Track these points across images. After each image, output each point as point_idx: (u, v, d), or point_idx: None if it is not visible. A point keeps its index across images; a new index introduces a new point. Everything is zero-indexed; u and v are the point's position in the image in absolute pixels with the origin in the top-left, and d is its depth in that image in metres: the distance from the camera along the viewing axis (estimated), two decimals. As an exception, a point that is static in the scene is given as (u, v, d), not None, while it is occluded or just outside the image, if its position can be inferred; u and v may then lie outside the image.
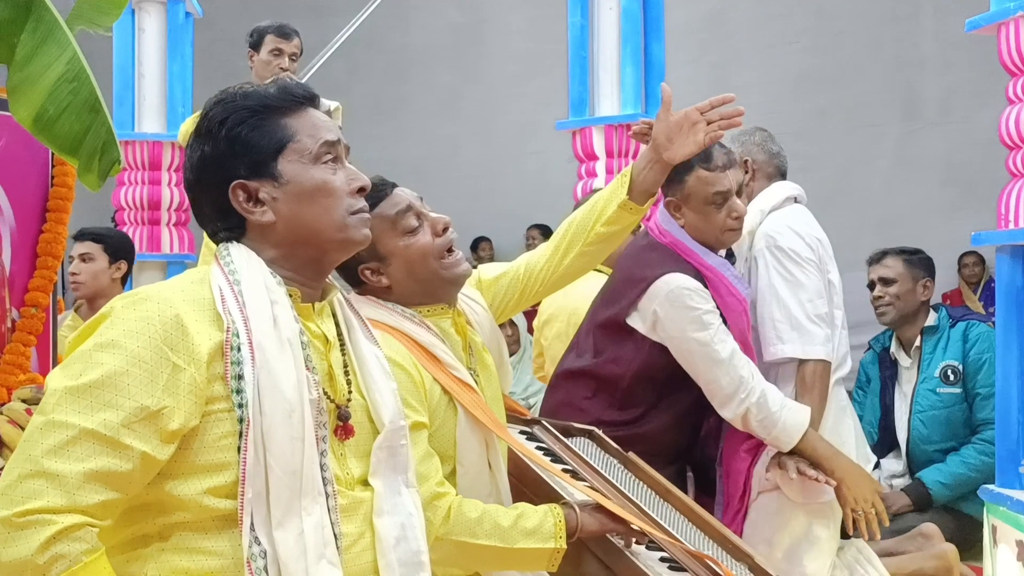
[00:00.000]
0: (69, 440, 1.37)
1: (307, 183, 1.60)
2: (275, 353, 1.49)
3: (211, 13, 6.78)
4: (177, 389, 1.43)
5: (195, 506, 1.45)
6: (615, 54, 5.18)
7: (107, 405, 1.39)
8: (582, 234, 2.48)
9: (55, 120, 2.78)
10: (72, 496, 1.35)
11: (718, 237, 2.93)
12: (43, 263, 3.25)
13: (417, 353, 2.10)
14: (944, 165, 9.36)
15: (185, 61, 6.10)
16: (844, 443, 3.06)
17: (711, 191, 2.87)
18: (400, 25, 11.36)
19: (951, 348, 4.06)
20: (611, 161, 5.14)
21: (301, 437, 1.49)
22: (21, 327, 3.19)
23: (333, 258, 1.67)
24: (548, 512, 2.05)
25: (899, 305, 4.10)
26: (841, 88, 9.71)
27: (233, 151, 1.59)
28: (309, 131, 1.62)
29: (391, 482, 1.66)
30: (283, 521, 1.46)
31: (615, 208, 2.46)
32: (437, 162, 10.21)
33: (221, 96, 1.64)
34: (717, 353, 2.80)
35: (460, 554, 2.00)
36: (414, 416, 2.01)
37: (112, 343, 1.43)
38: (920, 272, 4.14)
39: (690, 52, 9.71)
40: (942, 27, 9.10)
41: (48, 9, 2.78)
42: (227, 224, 1.62)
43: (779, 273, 3.01)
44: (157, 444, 1.42)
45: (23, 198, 3.22)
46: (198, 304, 1.51)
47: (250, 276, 1.54)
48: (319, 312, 1.66)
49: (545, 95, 9.68)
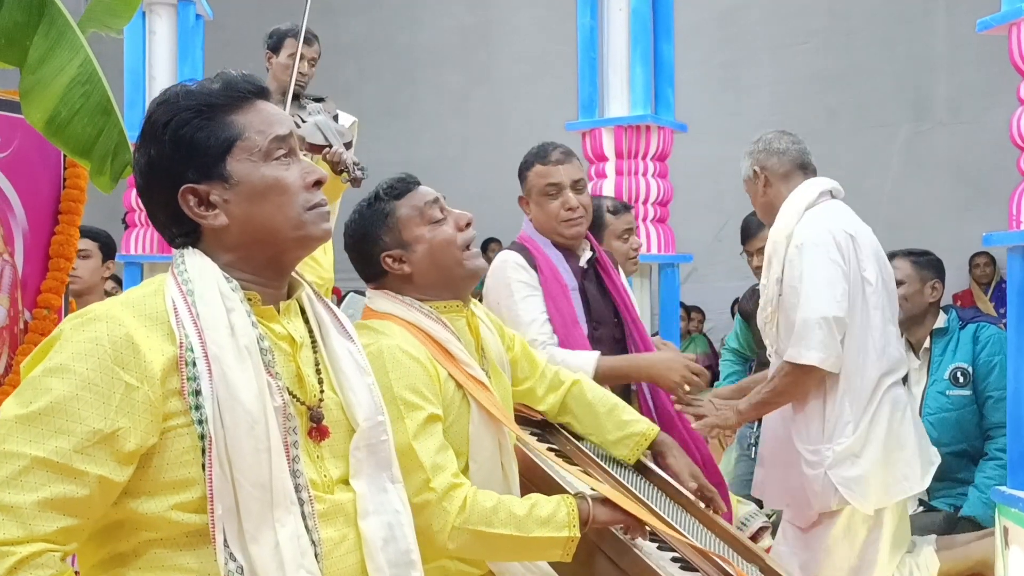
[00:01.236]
0: (21, 470, 1.33)
1: (258, 182, 1.53)
2: (233, 364, 1.44)
3: (222, 15, 6.79)
4: (132, 409, 1.39)
5: (163, 523, 1.42)
6: (625, 55, 5.16)
7: (58, 432, 1.35)
8: (576, 424, 2.60)
9: (67, 123, 2.78)
10: (28, 526, 1.32)
11: (555, 227, 3.13)
12: (55, 264, 3.26)
13: (432, 348, 2.12)
14: (955, 165, 9.35)
15: (196, 63, 6.10)
16: (904, 445, 3.13)
17: (544, 183, 3.12)
18: (409, 26, 11.39)
19: (960, 350, 4.04)
20: (621, 162, 5.12)
21: (267, 448, 1.44)
22: (33, 328, 3.20)
23: (292, 256, 1.60)
24: (561, 502, 2.05)
25: (906, 307, 4.06)
26: (851, 88, 9.69)
27: (179, 154, 1.52)
28: (258, 127, 1.55)
29: (375, 480, 1.62)
30: (256, 535, 1.42)
31: (622, 452, 2.56)
32: (446, 162, 10.22)
33: (163, 96, 1.57)
34: (518, 316, 3.02)
35: (477, 543, 2.00)
36: (429, 408, 2.03)
37: (61, 367, 1.38)
38: (928, 273, 4.13)
39: (700, 53, 9.71)
40: (954, 27, 9.08)
41: (60, 12, 2.79)
42: (181, 230, 1.56)
43: (795, 274, 3.13)
44: (114, 467, 1.38)
45: (35, 200, 3.23)
46: (150, 319, 1.46)
47: (204, 285, 1.48)
48: (285, 312, 1.60)
49: (554, 96, 9.69)
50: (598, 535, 2.11)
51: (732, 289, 9.99)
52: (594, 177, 5.22)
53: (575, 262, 3.17)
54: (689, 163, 7.99)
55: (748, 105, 9.94)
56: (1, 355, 3.14)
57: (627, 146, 5.11)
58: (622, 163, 5.13)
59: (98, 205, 4.07)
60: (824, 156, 11.02)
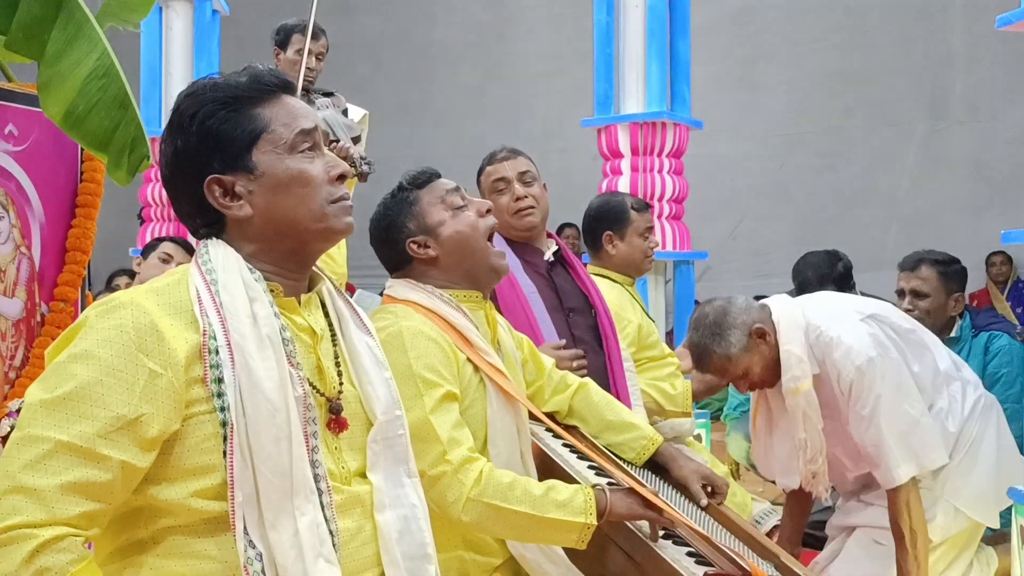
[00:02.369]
0: (45, 454, 1.35)
1: (282, 174, 1.55)
2: (255, 353, 1.46)
3: (238, 10, 6.82)
4: (155, 395, 1.40)
5: (183, 509, 1.43)
6: (641, 51, 5.16)
7: (82, 416, 1.37)
8: (582, 426, 2.56)
9: (85, 116, 2.79)
10: (51, 510, 1.33)
11: (508, 221, 3.10)
12: (72, 258, 3.27)
13: (451, 334, 2.14)
14: (972, 164, 9.30)
15: (212, 58, 6.13)
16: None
17: (491, 180, 3.18)
18: (425, 23, 11.40)
19: (972, 361, 3.92)
20: (636, 159, 5.12)
21: (288, 436, 1.46)
22: (50, 321, 3.21)
23: (314, 249, 1.62)
24: (579, 489, 2.06)
25: (928, 321, 3.89)
26: (869, 86, 9.65)
27: (205, 145, 1.54)
28: (283, 120, 1.57)
29: (392, 474, 1.63)
30: (276, 522, 1.43)
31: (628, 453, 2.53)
32: (462, 160, 10.16)
33: (191, 89, 1.59)
34: None
35: (491, 517, 2.00)
36: (447, 386, 2.06)
37: (85, 353, 1.40)
38: (954, 285, 3.99)
39: (716, 50, 9.68)
40: (971, 24, 9.03)
41: (78, 6, 2.80)
42: (206, 220, 1.57)
43: (860, 405, 3.08)
44: (136, 452, 1.39)
45: (53, 193, 3.24)
46: (174, 307, 1.47)
47: (227, 275, 1.50)
48: (306, 304, 1.62)
49: (570, 93, 9.68)
50: (612, 527, 2.11)
51: (746, 287, 9.97)
52: (609, 174, 5.22)
53: (539, 258, 3.17)
54: (704, 160, 7.98)
55: (764, 103, 9.92)
56: (18, 347, 3.15)
57: (643, 143, 5.11)
58: (637, 160, 5.13)
59: (115, 199, 4.09)
60: (841, 154, 11.04)
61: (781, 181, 9.87)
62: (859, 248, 9.91)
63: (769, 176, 9.71)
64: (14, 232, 3.12)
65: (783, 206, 9.98)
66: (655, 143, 5.13)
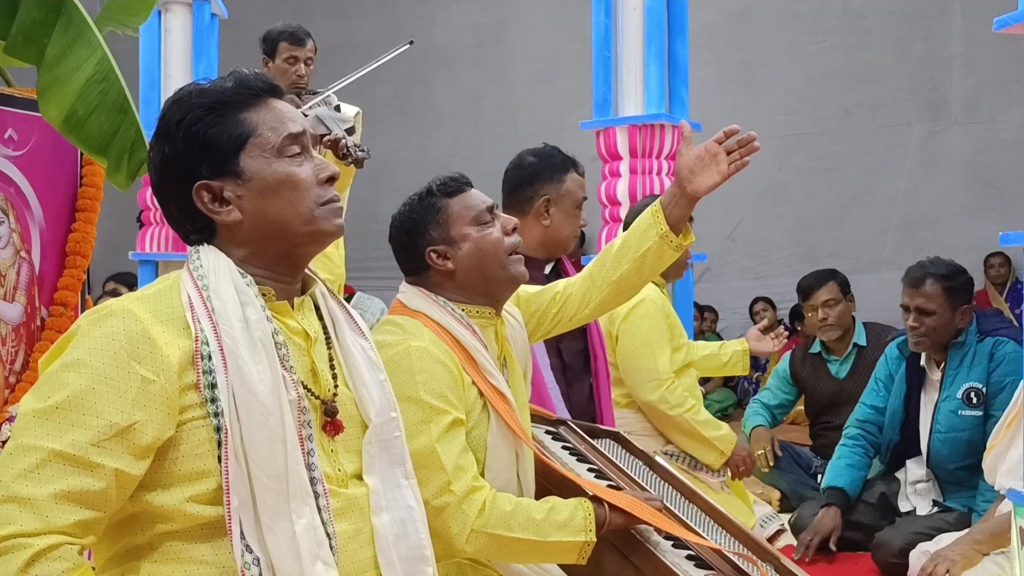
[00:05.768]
0: (38, 463, 1.34)
1: (271, 178, 1.55)
2: (247, 357, 1.45)
3: (236, 14, 6.81)
4: (148, 402, 1.40)
5: (179, 515, 1.43)
6: (639, 54, 5.16)
7: (75, 425, 1.37)
8: (619, 266, 2.45)
9: (85, 120, 2.80)
10: (45, 519, 1.33)
11: (567, 239, 3.21)
12: (72, 262, 3.28)
13: (458, 353, 2.12)
14: (970, 165, 9.29)
15: (211, 62, 6.12)
16: None
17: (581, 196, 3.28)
18: (424, 25, 11.38)
19: (976, 367, 3.86)
20: (635, 161, 5.12)
21: (282, 439, 1.45)
22: (50, 325, 3.22)
23: (305, 252, 1.61)
24: (578, 505, 2.07)
25: (935, 336, 3.90)
26: (866, 87, 9.65)
27: (192, 151, 1.53)
28: (271, 124, 1.57)
29: (389, 476, 1.63)
30: (273, 526, 1.43)
31: (655, 239, 2.39)
32: (461, 162, 10.22)
33: (177, 95, 1.59)
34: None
35: (494, 546, 2.02)
36: (454, 412, 2.04)
37: (78, 362, 1.40)
38: (960, 299, 3.90)
39: (715, 52, 9.69)
40: (969, 26, 9.04)
41: (78, 10, 2.80)
42: (196, 226, 1.57)
43: None
44: (130, 460, 1.39)
45: (52, 197, 3.25)
46: (166, 313, 1.48)
47: (218, 280, 1.50)
48: (299, 307, 1.62)
49: (568, 95, 9.68)
50: (611, 532, 2.12)
51: (745, 289, 9.98)
52: (608, 176, 5.21)
53: (540, 271, 3.14)
54: (703, 162, 7.97)
55: (763, 105, 9.91)
56: (19, 352, 3.15)
57: (641, 145, 5.10)
58: (636, 162, 5.12)
59: (114, 203, 4.09)
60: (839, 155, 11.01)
61: (780, 182, 9.87)
62: (857, 249, 9.96)
63: (768, 177, 9.70)
64: (14, 236, 3.12)
65: (782, 207, 9.98)
66: (654, 145, 5.13)
